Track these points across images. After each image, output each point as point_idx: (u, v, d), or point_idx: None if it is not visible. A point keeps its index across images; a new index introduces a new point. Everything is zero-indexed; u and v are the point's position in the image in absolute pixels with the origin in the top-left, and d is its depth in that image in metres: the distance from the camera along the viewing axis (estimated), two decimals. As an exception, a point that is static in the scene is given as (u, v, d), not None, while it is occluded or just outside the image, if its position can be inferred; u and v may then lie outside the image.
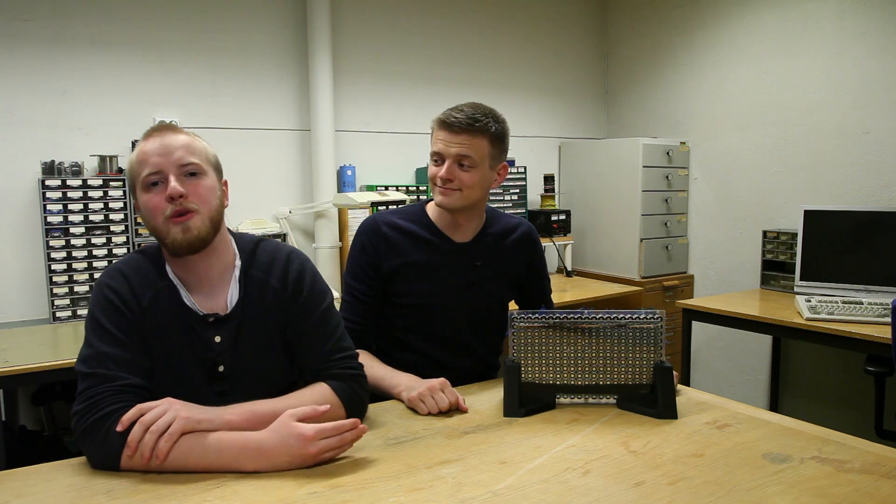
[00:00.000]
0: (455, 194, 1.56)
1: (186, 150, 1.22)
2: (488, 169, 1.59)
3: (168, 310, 1.23)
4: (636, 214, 3.63)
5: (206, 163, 1.25)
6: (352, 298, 1.65)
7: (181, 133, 1.25)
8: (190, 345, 1.23)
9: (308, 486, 1.04)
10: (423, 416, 1.38)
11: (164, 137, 1.22)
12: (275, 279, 1.31)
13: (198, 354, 1.24)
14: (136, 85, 2.88)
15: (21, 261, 2.67)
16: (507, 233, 1.73)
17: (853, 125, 3.07)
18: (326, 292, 1.37)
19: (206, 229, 1.22)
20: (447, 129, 1.54)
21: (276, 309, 1.30)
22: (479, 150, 1.55)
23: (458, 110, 1.56)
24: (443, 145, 1.55)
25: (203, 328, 1.25)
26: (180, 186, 1.19)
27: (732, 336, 3.59)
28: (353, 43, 3.41)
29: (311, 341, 1.32)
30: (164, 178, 1.20)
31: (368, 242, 1.64)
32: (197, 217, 1.21)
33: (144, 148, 1.21)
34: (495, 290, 1.72)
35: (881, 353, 2.31)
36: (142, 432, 1.06)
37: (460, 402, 1.40)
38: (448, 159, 1.55)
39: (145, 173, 1.20)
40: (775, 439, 1.22)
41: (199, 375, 1.25)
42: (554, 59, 4.14)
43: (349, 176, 3.34)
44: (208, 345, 1.25)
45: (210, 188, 1.24)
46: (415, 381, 1.47)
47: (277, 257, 1.33)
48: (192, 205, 1.20)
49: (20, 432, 2.62)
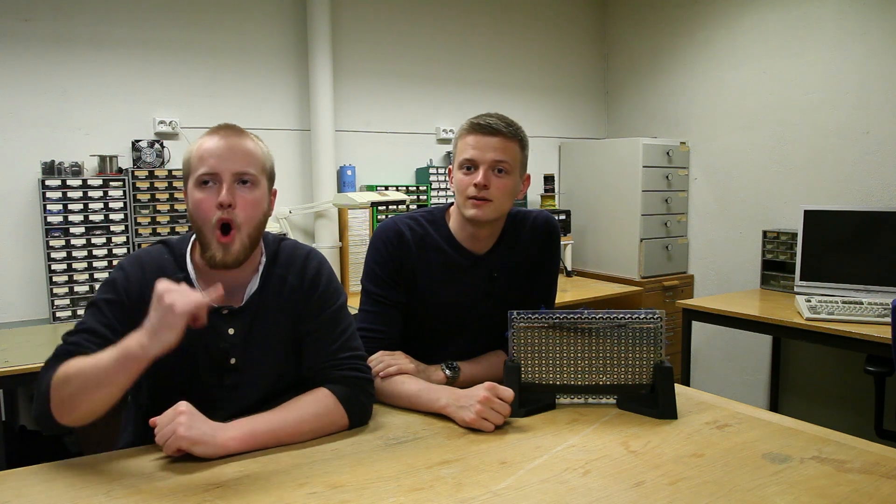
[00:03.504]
0: (489, 206, 1.47)
1: (245, 159, 1.23)
2: (518, 177, 1.52)
3: None
4: (636, 214, 3.63)
5: (262, 173, 1.26)
6: (374, 306, 1.53)
7: (246, 138, 1.26)
8: (202, 336, 1.23)
9: (308, 486, 1.04)
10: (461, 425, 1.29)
11: (227, 139, 1.23)
12: (293, 276, 1.32)
13: (210, 346, 1.25)
14: (136, 85, 2.89)
15: (21, 261, 2.67)
16: (520, 230, 1.62)
17: (853, 125, 3.07)
18: (341, 293, 1.38)
19: (244, 252, 1.23)
20: (481, 133, 1.46)
21: (292, 305, 1.32)
22: (514, 156, 1.48)
23: (489, 115, 1.48)
24: (477, 151, 1.46)
25: (217, 320, 1.25)
26: (230, 196, 1.20)
27: (732, 336, 3.59)
28: (353, 43, 3.41)
29: (320, 339, 1.32)
30: (218, 181, 1.21)
31: (390, 244, 1.54)
32: (237, 239, 1.22)
33: (206, 145, 1.23)
34: (514, 301, 1.59)
35: (881, 353, 2.31)
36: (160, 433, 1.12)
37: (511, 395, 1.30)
38: (483, 165, 1.45)
39: (201, 171, 1.21)
40: (775, 439, 1.22)
41: (210, 367, 1.26)
42: (554, 59, 4.14)
43: (349, 176, 3.34)
44: (222, 336, 1.26)
45: (258, 200, 1.25)
46: (457, 394, 1.33)
47: (297, 255, 1.35)
48: (237, 217, 1.21)
49: (20, 432, 2.62)
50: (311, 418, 1.22)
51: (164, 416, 1.12)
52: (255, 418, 1.18)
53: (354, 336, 1.36)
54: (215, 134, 1.24)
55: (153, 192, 2.75)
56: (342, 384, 1.28)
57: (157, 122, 2.92)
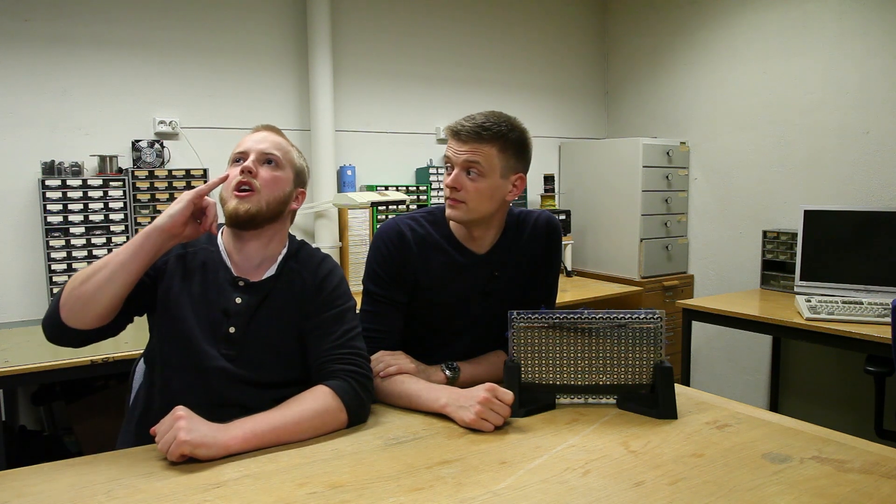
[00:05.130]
0: (461, 207, 1.49)
1: (274, 146, 1.39)
2: (499, 178, 1.50)
3: (209, 265, 1.35)
4: (636, 214, 3.63)
5: (288, 163, 1.41)
6: (375, 306, 1.54)
7: (280, 136, 1.44)
8: (209, 298, 1.32)
9: (308, 486, 1.04)
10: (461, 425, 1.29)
11: (264, 133, 1.41)
12: (307, 272, 1.40)
13: (213, 304, 1.32)
14: (136, 85, 2.89)
15: (21, 261, 2.67)
16: (522, 230, 1.63)
17: (853, 125, 3.07)
18: (350, 297, 1.42)
19: (258, 210, 1.32)
20: (456, 137, 1.49)
21: (300, 298, 1.37)
22: (488, 158, 1.47)
23: (469, 118, 1.49)
24: (452, 152, 1.50)
25: (230, 286, 1.34)
26: (254, 166, 1.34)
27: (732, 336, 3.59)
28: (353, 43, 3.41)
29: (323, 335, 1.34)
30: (245, 157, 1.36)
31: (391, 244, 1.55)
32: (255, 196, 1.32)
33: (246, 136, 1.41)
34: (515, 301, 1.60)
35: (881, 353, 2.31)
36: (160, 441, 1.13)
37: (511, 398, 1.30)
38: (456, 167, 1.49)
39: (236, 151, 1.38)
40: (775, 439, 1.22)
41: (209, 332, 1.30)
42: (554, 59, 4.14)
43: (349, 176, 3.34)
44: (229, 301, 1.32)
45: (279, 179, 1.37)
46: (457, 394, 1.33)
47: (315, 257, 1.44)
48: (256, 183, 1.33)
49: (20, 432, 2.62)
50: (311, 415, 1.22)
51: (163, 424, 1.12)
52: (256, 417, 1.19)
53: (359, 337, 1.37)
54: (256, 131, 1.42)
55: (153, 192, 2.75)
56: (340, 379, 1.29)
57: (157, 122, 2.92)
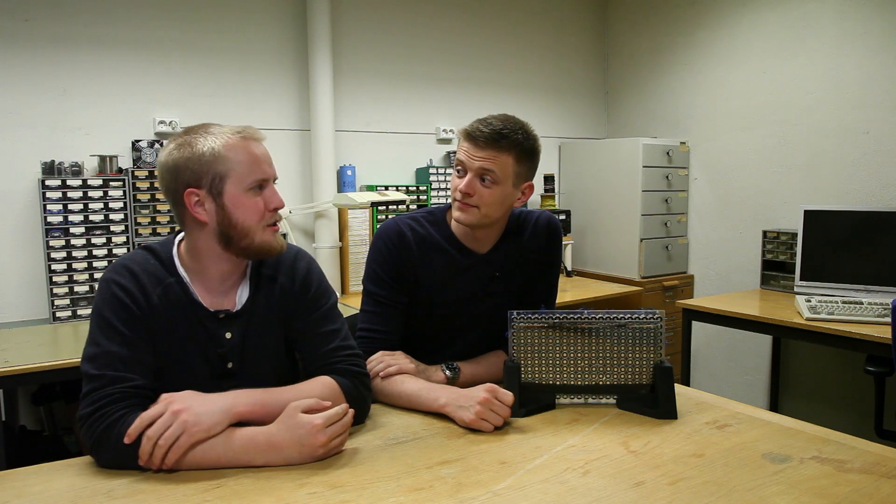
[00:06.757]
0: (473, 211, 1.48)
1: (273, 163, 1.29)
2: (511, 187, 1.49)
3: (178, 306, 1.23)
4: (636, 214, 3.63)
5: None
6: (375, 306, 1.54)
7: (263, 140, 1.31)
8: (199, 341, 1.24)
9: (308, 486, 1.04)
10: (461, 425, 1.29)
11: (263, 146, 1.27)
12: (283, 276, 1.33)
13: (207, 351, 1.25)
14: (136, 85, 2.89)
15: (21, 261, 2.67)
16: (522, 230, 1.63)
17: (853, 125, 3.07)
18: (332, 293, 1.40)
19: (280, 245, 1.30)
20: (473, 141, 1.45)
21: (283, 305, 1.32)
22: (504, 167, 1.46)
23: (486, 123, 1.46)
24: (467, 157, 1.46)
25: (214, 324, 1.25)
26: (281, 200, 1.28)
27: (732, 336, 3.59)
28: (353, 43, 3.41)
29: (316, 338, 1.33)
30: (267, 185, 1.25)
31: (391, 245, 1.54)
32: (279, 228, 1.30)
33: (252, 150, 1.23)
34: (515, 301, 1.61)
35: (881, 353, 2.31)
36: (150, 447, 1.05)
37: (511, 399, 1.30)
38: (470, 172, 1.46)
39: (257, 177, 1.23)
40: (775, 439, 1.22)
41: (207, 372, 1.25)
42: (554, 59, 4.14)
43: (349, 176, 3.34)
44: (219, 341, 1.25)
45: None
46: (457, 394, 1.33)
47: (286, 255, 1.35)
48: (278, 216, 1.29)
49: (20, 432, 2.62)
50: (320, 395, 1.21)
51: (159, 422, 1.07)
52: (265, 391, 1.19)
53: (349, 335, 1.37)
54: (251, 139, 1.24)
55: (153, 192, 2.75)
56: (342, 375, 1.29)
57: (157, 122, 2.92)
